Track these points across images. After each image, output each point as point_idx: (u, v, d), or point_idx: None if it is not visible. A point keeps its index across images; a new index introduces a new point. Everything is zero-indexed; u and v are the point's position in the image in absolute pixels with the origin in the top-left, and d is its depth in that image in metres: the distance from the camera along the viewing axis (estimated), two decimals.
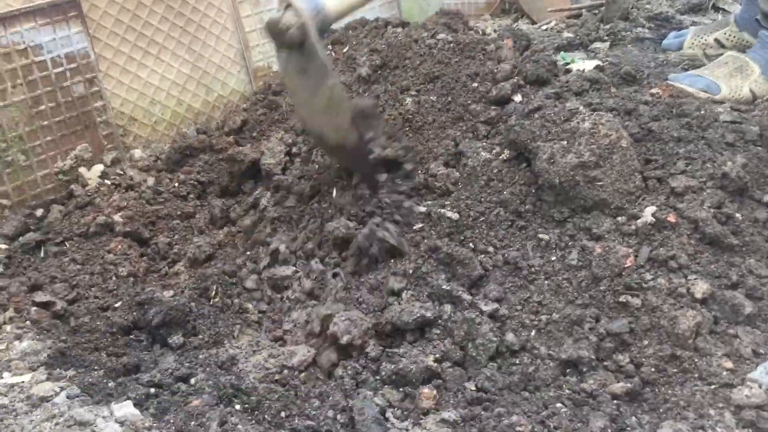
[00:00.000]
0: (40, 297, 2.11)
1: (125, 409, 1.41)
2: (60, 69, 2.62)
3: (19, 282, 2.19)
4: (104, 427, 1.35)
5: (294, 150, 2.57)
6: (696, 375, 1.54)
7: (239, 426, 1.48)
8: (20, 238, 2.48)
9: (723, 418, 1.41)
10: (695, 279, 1.71)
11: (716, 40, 3.10)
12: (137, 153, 2.89)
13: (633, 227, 1.83)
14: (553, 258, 1.89)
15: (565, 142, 1.91)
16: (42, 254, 2.47)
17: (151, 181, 2.77)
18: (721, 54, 2.81)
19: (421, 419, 1.66)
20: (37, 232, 2.53)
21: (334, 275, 2.11)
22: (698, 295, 1.68)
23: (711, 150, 1.94)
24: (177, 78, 2.97)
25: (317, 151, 2.43)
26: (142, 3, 2.82)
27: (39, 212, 2.60)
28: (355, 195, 2.20)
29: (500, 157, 2.08)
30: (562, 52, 2.88)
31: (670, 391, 1.53)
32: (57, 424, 1.37)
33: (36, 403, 1.45)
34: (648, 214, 1.82)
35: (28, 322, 1.95)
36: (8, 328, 1.86)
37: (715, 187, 1.86)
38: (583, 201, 1.90)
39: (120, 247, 2.45)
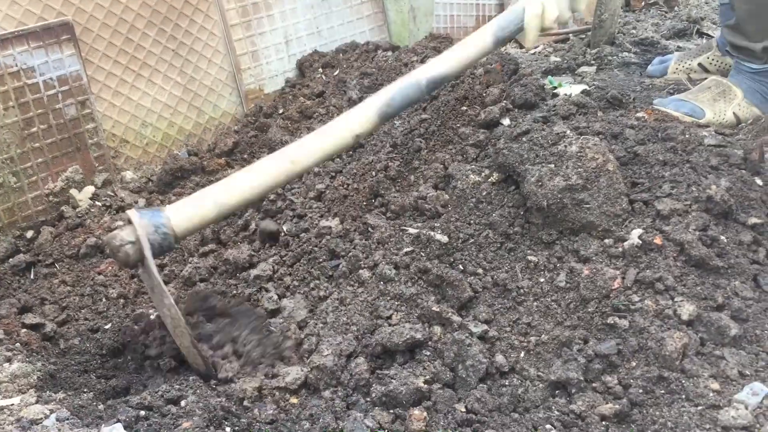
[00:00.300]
0: (30, 319, 2.11)
1: (115, 431, 1.41)
2: (52, 91, 2.64)
3: (9, 304, 2.19)
4: None
5: None
6: (683, 396, 1.55)
7: None
8: (10, 260, 2.49)
9: None
10: (681, 301, 1.73)
11: (700, 65, 3.16)
12: (128, 175, 2.90)
13: (620, 249, 1.85)
14: (542, 280, 1.91)
15: (553, 165, 1.94)
16: (32, 276, 2.47)
17: (142, 202, 2.79)
18: (705, 78, 2.86)
19: None
20: (27, 253, 2.54)
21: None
22: (685, 317, 1.70)
23: (696, 173, 1.97)
24: (169, 100, 3.00)
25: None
26: (134, 26, 2.84)
27: (29, 234, 2.61)
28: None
29: (489, 180, 2.10)
30: (549, 77, 2.92)
31: (657, 413, 1.55)
32: None
33: (26, 425, 1.45)
34: (635, 236, 1.85)
35: (17, 344, 1.95)
36: None
37: (700, 209, 1.88)
38: (571, 223, 1.92)
39: (110, 268, 2.46)
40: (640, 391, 1.61)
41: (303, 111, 2.99)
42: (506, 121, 2.32)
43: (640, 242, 1.83)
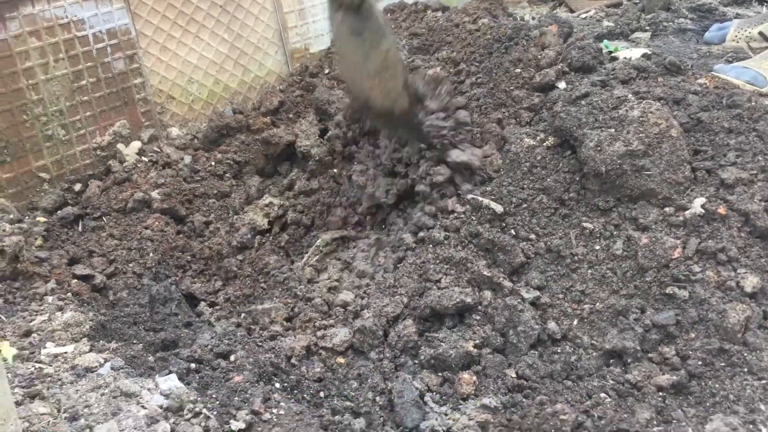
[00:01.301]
0: (80, 270, 2.12)
1: (170, 382, 1.41)
2: (101, 44, 2.63)
3: (59, 255, 2.21)
4: (149, 399, 1.35)
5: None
6: (745, 369, 1.51)
7: (282, 403, 1.47)
8: (59, 212, 2.50)
9: None
10: (745, 273, 1.67)
11: (761, 33, 3.04)
12: (174, 131, 2.90)
13: (681, 218, 1.79)
14: (597, 247, 1.86)
15: (613, 130, 1.88)
16: (80, 228, 2.48)
17: (188, 159, 2.78)
18: (766, 47, 2.75)
19: (461, 404, 1.65)
20: (75, 206, 2.55)
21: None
22: (748, 289, 1.64)
23: (762, 143, 1.89)
24: (215, 57, 2.97)
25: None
26: None
27: (77, 187, 2.62)
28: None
29: (544, 144, 2.05)
30: (605, 41, 2.83)
31: (717, 385, 1.50)
32: (103, 394, 1.37)
33: (81, 373, 1.46)
34: (697, 205, 1.78)
35: (69, 294, 1.96)
36: (50, 299, 1.87)
37: (767, 179, 1.81)
38: (630, 190, 1.86)
39: (157, 223, 2.46)
40: (699, 363, 1.57)
41: None
42: (562, 85, 2.25)
43: (703, 211, 1.77)
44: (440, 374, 1.74)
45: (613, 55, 2.43)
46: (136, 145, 2.76)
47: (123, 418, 1.31)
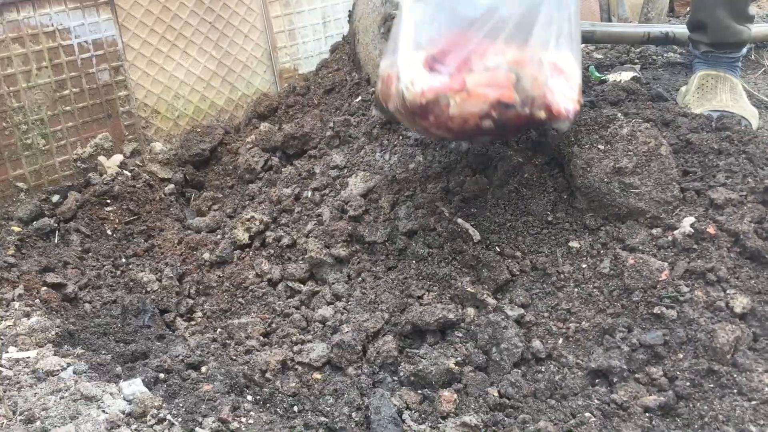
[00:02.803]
0: (52, 278, 2.05)
1: (134, 386, 1.34)
2: (87, 55, 2.59)
3: (31, 263, 2.14)
4: (111, 404, 1.28)
5: None
6: (735, 390, 1.45)
7: (251, 413, 1.40)
8: (34, 223, 2.44)
9: None
10: (734, 293, 1.63)
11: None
12: (158, 146, 2.85)
13: (669, 238, 1.76)
14: (584, 266, 1.82)
15: (602, 147, 1.85)
16: (56, 240, 2.42)
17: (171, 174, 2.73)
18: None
19: (440, 423, 1.59)
20: (51, 218, 2.49)
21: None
22: (738, 310, 1.60)
23: (752, 164, 1.87)
24: (202, 73, 2.95)
25: None
26: None
27: (55, 198, 2.56)
28: None
29: (532, 162, 2.01)
30: (590, 66, 2.83)
31: (706, 407, 1.45)
32: (62, 397, 1.30)
33: (41, 377, 1.39)
34: (686, 224, 1.75)
35: (37, 301, 1.89)
36: (17, 304, 1.80)
37: (757, 201, 1.78)
38: (618, 209, 1.83)
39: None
40: (688, 383, 1.52)
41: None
42: None
43: (692, 231, 1.73)
44: (420, 391, 1.68)
45: (602, 78, 2.42)
46: (117, 158, 2.71)
47: (82, 422, 1.24)
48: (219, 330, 2.03)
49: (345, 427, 1.54)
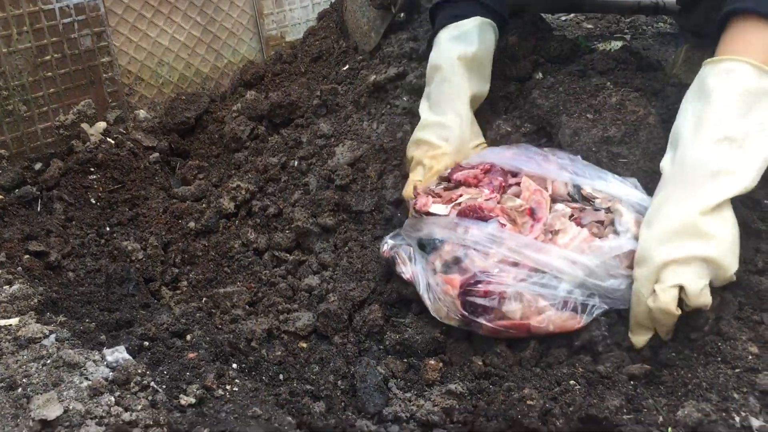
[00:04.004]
0: (34, 246, 2.02)
1: (118, 354, 1.33)
2: (68, 19, 2.54)
3: (13, 231, 2.11)
4: (94, 371, 1.27)
5: None
6: (719, 358, 1.46)
7: (236, 380, 1.40)
8: (16, 191, 2.40)
9: (747, 403, 1.33)
10: None
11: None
12: (142, 113, 2.81)
13: None
14: None
15: (590, 116, 1.84)
16: (38, 208, 2.38)
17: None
18: None
19: (426, 391, 1.59)
20: (34, 186, 2.45)
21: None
22: None
23: None
24: (187, 40, 2.90)
25: None
26: None
27: (38, 165, 2.52)
28: None
29: (520, 130, 2.00)
30: (579, 36, 2.81)
31: (690, 374, 1.45)
32: (44, 365, 1.29)
33: (23, 344, 1.37)
34: None
35: (20, 268, 1.87)
36: None
37: None
38: None
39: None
40: (672, 352, 1.52)
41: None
42: (539, 75, 2.22)
43: None
44: (405, 360, 1.68)
45: (591, 48, 2.40)
46: (101, 125, 2.67)
47: (64, 389, 1.23)
48: (204, 299, 2.02)
49: (330, 395, 1.55)
